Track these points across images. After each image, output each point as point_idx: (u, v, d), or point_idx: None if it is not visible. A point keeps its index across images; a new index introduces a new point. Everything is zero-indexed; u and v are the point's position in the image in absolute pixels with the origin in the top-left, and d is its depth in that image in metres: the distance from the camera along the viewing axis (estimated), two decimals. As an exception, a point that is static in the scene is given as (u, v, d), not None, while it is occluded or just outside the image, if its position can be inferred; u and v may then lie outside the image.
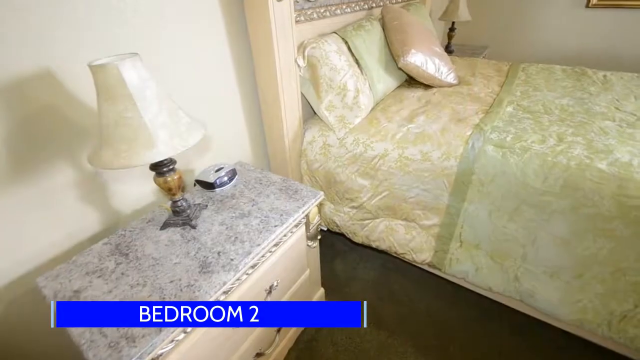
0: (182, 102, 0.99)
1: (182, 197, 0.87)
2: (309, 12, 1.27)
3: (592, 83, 1.57)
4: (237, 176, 1.08)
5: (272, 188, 1.03)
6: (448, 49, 2.53)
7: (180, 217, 0.88)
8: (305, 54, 1.24)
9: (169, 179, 0.78)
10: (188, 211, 0.88)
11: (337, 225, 1.46)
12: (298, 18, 1.21)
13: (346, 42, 1.37)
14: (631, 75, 1.67)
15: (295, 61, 1.21)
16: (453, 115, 1.30)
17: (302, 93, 1.34)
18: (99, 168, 0.67)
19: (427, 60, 1.48)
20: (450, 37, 2.53)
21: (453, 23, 2.47)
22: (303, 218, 0.99)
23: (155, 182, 0.79)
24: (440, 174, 1.11)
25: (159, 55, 0.92)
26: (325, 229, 1.57)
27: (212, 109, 1.13)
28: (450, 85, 1.61)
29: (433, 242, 1.23)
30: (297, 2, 1.22)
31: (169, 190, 0.81)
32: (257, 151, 1.39)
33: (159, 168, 0.76)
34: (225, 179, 1.03)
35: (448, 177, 1.10)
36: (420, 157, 1.14)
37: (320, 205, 1.45)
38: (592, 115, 1.23)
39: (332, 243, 1.67)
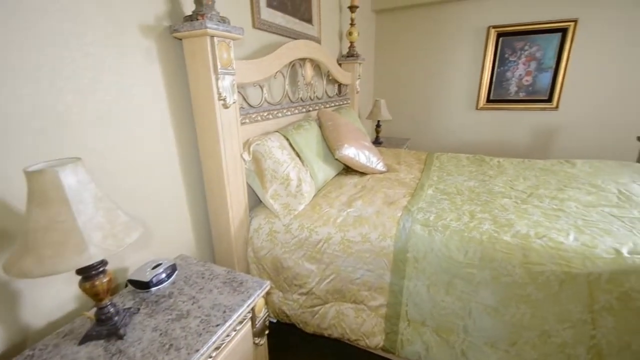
0: (125, 199, 1.00)
1: (110, 302, 0.79)
2: (253, 116, 1.45)
3: (490, 168, 1.93)
4: (176, 272, 1.03)
5: (215, 282, 1.00)
6: (377, 142, 2.96)
7: (105, 326, 0.78)
8: (251, 149, 1.36)
9: (96, 283, 0.72)
10: (115, 318, 0.80)
11: (287, 316, 1.40)
12: (243, 121, 1.37)
13: (287, 139, 1.55)
14: (518, 160, 2.09)
15: (241, 156, 1.32)
16: (385, 198, 1.47)
17: (247, 183, 1.41)
18: (17, 278, 0.60)
19: (358, 152, 1.71)
20: (377, 132, 2.99)
21: (378, 121, 2.95)
22: (248, 312, 0.95)
23: (80, 287, 0.73)
24: (380, 254, 1.19)
25: (104, 155, 0.94)
26: (275, 320, 1.48)
27: (155, 203, 1.13)
28: (381, 172, 1.84)
29: (383, 323, 1.23)
30: (243, 107, 1.40)
31: (95, 296, 0.74)
32: (201, 242, 1.36)
33: (87, 271, 0.71)
34: (163, 275, 0.97)
35: (387, 257, 1.18)
36: (360, 239, 1.22)
37: (268, 295, 1.40)
38: (493, 194, 1.49)
39: (283, 336, 1.55)
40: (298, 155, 1.55)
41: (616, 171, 1.76)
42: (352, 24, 2.31)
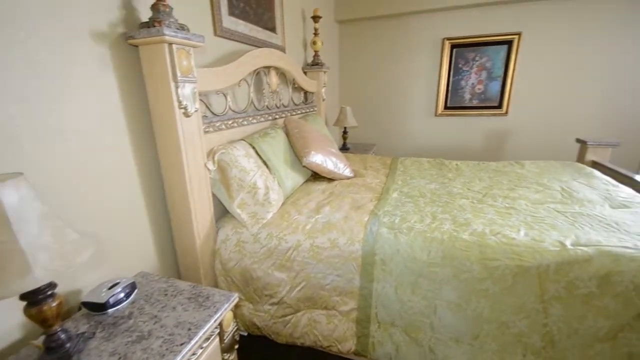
0: (77, 216, 0.94)
1: (60, 327, 0.73)
2: (217, 124, 1.42)
3: (449, 170, 2.04)
4: (136, 290, 0.97)
5: (179, 298, 0.95)
6: (345, 148, 3.02)
7: (56, 354, 0.72)
8: (215, 158, 1.33)
9: (44, 308, 0.67)
10: (67, 345, 0.73)
11: (258, 328, 1.37)
12: (207, 129, 1.33)
13: (254, 147, 1.53)
14: (474, 163, 2.23)
15: (205, 165, 1.28)
16: (353, 203, 1.50)
17: (213, 193, 1.37)
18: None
19: (325, 159, 1.74)
20: (344, 138, 3.06)
21: (345, 128, 3.02)
22: (216, 328, 0.92)
23: (26, 314, 0.67)
24: (349, 258, 1.21)
25: (53, 169, 0.87)
26: (245, 334, 1.44)
27: (111, 219, 1.06)
28: (348, 178, 1.88)
29: (354, 327, 1.25)
30: (206, 116, 1.36)
31: (43, 322, 0.68)
32: (164, 257, 1.30)
33: (33, 296, 0.65)
34: (122, 295, 0.91)
35: (356, 260, 1.20)
36: (329, 245, 1.23)
37: (237, 308, 1.36)
38: (452, 196, 1.57)
39: (254, 349, 1.51)
40: (265, 164, 1.54)
41: (559, 170, 1.94)
42: (315, 34, 2.35)
